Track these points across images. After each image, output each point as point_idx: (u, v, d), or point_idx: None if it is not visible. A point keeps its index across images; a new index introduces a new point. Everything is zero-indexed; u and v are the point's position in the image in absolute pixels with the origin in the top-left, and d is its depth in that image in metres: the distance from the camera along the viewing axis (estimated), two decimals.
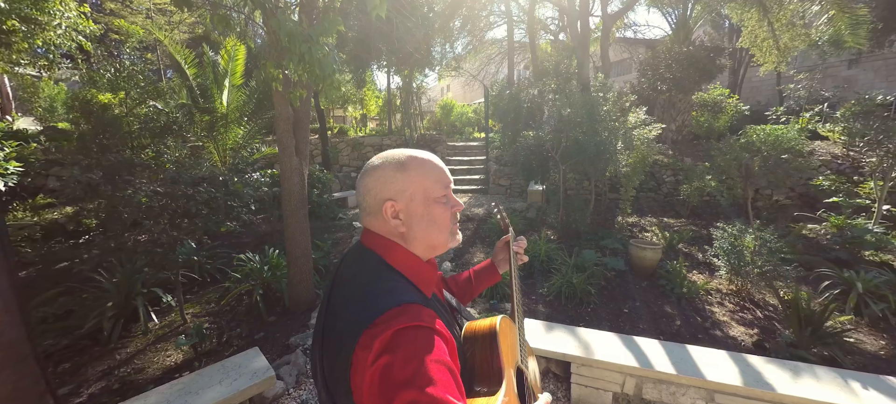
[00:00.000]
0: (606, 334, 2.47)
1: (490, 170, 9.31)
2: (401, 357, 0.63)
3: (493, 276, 1.33)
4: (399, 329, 0.65)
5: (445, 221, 0.86)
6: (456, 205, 0.90)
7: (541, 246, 4.34)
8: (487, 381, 0.86)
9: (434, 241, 0.86)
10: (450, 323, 0.90)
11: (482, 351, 0.90)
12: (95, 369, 2.62)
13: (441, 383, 0.62)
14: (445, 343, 0.70)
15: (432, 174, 0.85)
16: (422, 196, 0.83)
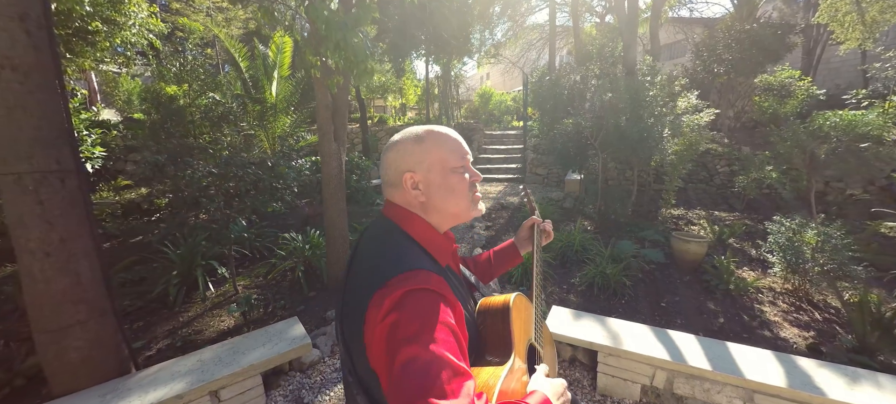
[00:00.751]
0: (637, 325, 2.39)
1: (527, 159, 9.15)
2: (407, 315, 0.66)
3: (515, 258, 1.34)
4: (408, 290, 0.69)
5: (463, 189, 0.88)
6: (474, 175, 0.91)
7: (575, 235, 4.23)
8: (497, 352, 0.89)
9: (454, 209, 0.89)
10: (463, 295, 0.93)
11: (494, 323, 0.93)
12: (163, 328, 2.98)
13: (442, 342, 0.65)
14: (452, 308, 0.73)
15: (448, 145, 0.88)
16: (439, 166, 0.86)
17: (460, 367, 0.64)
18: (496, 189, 8.51)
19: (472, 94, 18.84)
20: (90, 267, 1.92)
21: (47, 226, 1.75)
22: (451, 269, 0.94)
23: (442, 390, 0.59)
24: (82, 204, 1.90)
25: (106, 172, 6.56)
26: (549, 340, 1.17)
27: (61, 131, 1.81)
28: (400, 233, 0.86)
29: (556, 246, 4.20)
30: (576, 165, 5.98)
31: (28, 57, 1.68)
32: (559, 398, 0.82)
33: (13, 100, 1.64)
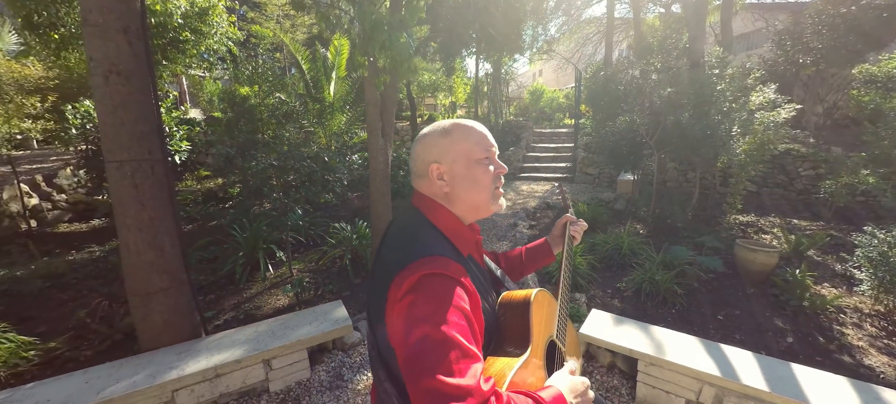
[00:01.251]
0: (685, 336, 2.24)
1: (577, 158, 8.80)
2: (423, 297, 0.71)
3: (547, 256, 1.34)
4: (425, 274, 0.74)
5: (487, 182, 0.91)
6: (499, 167, 0.94)
7: (624, 238, 4.02)
8: (515, 344, 0.91)
9: (476, 201, 0.91)
10: (484, 286, 0.95)
11: (514, 317, 0.94)
12: (229, 302, 3.35)
13: (454, 324, 0.68)
14: (468, 295, 0.76)
15: (473, 138, 0.90)
16: (464, 158, 0.89)
17: (469, 350, 0.67)
18: (543, 188, 8.30)
19: (523, 92, 18.47)
20: (172, 243, 2.23)
21: (140, 206, 2.07)
22: (473, 260, 0.97)
23: (450, 368, 0.63)
24: (167, 189, 2.21)
25: (191, 164, 7.44)
26: (573, 340, 1.16)
27: (153, 126, 2.12)
28: (425, 221, 0.90)
29: (604, 248, 4.03)
30: (629, 165, 5.65)
31: (129, 63, 2.00)
32: (576, 396, 0.82)
33: (118, 99, 1.97)
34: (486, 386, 0.65)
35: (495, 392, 0.67)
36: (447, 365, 0.63)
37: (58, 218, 5.69)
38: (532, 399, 0.72)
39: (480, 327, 0.82)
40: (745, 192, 4.87)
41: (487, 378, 0.68)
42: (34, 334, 2.68)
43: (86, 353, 2.58)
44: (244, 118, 6.41)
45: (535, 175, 9.38)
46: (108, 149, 2.00)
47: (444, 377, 0.62)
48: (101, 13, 1.91)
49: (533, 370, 0.88)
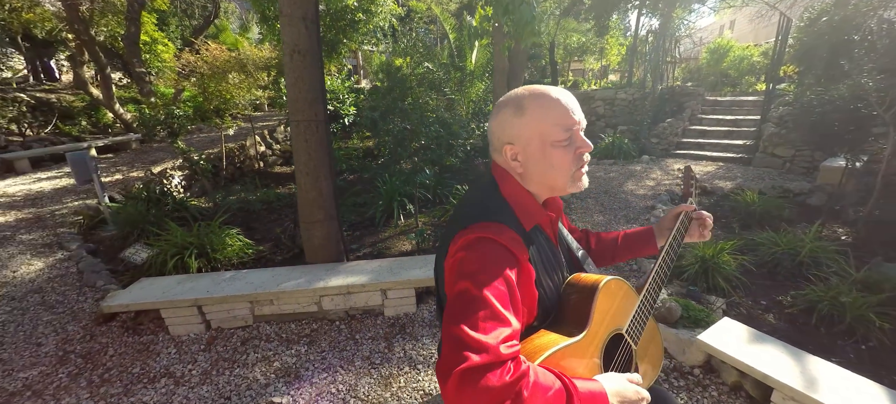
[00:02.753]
0: (859, 379, 1.68)
1: (762, 135, 6.84)
2: (472, 256, 0.77)
3: (647, 246, 1.20)
4: (479, 236, 0.79)
5: (564, 165, 0.85)
6: (583, 145, 0.86)
7: (805, 242, 3.08)
8: (569, 326, 0.87)
9: (552, 184, 0.88)
10: (551, 263, 0.93)
11: (578, 299, 0.91)
12: (369, 239, 4.11)
13: (493, 288, 0.72)
14: (518, 266, 0.79)
15: (552, 116, 0.83)
16: (538, 140, 0.84)
17: (500, 313, 0.69)
18: (702, 168, 6.89)
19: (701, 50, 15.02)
20: (328, 186, 2.89)
21: (308, 155, 2.74)
22: (542, 234, 0.94)
23: (475, 324, 0.67)
24: (326, 143, 2.84)
25: (355, 126, 9.04)
26: (654, 347, 1.05)
27: (319, 93, 2.73)
28: (495, 190, 0.92)
29: (769, 250, 3.19)
30: (842, 146, 4.13)
31: (306, 44, 2.60)
32: (621, 400, 0.76)
33: (298, 73, 2.60)
34: (505, 350, 0.66)
35: (516, 358, 0.67)
36: (474, 320, 0.67)
37: (274, 162, 7.85)
38: (561, 381, 0.69)
39: (530, 299, 0.84)
40: None
41: (512, 344, 0.68)
42: (254, 239, 3.92)
43: (278, 258, 3.64)
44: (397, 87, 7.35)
45: (696, 153, 7.80)
46: (291, 110, 2.69)
47: (468, 329, 0.66)
48: (289, 6, 2.52)
49: (584, 357, 0.84)
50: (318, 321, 2.81)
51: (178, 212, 4.42)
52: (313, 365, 2.43)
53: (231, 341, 2.66)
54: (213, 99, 5.00)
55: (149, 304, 2.64)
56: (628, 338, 0.94)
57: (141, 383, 2.32)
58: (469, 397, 0.60)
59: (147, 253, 3.41)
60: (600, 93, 10.36)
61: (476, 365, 0.61)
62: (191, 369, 2.43)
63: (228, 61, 5.14)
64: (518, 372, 0.63)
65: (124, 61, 7.74)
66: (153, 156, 6.46)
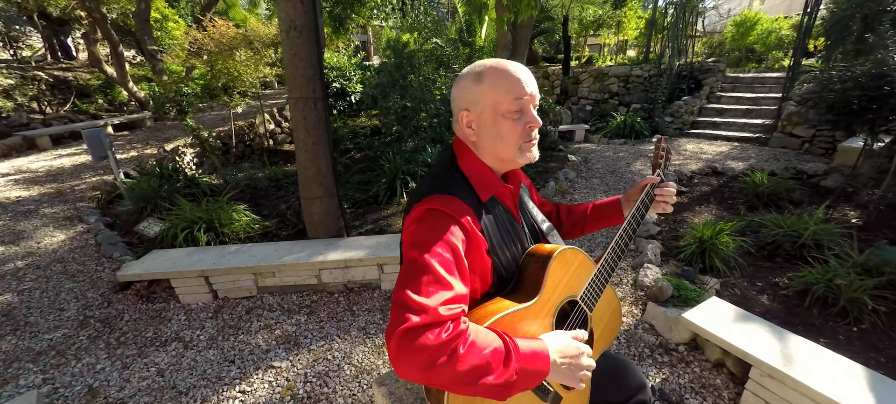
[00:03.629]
0: (840, 358, 1.68)
1: (782, 114, 6.56)
2: (422, 227, 0.82)
3: (614, 217, 1.23)
4: (429, 208, 0.84)
5: (513, 136, 0.87)
6: (533, 121, 0.88)
7: (808, 223, 3.02)
8: (523, 292, 0.92)
9: (501, 155, 0.91)
10: (508, 233, 0.96)
11: (534, 268, 0.95)
12: (371, 216, 4.20)
13: (436, 256, 0.76)
14: (466, 235, 0.83)
15: (505, 86, 0.85)
16: (491, 109, 0.87)
17: (443, 279, 0.73)
18: (714, 148, 6.69)
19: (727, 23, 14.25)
20: (326, 163, 2.95)
21: (306, 132, 2.80)
22: (500, 206, 0.97)
23: (418, 288, 0.71)
24: (325, 121, 2.89)
25: (362, 103, 9.04)
26: (610, 313, 1.09)
27: (316, 71, 2.76)
28: (452, 163, 0.96)
29: (771, 232, 3.14)
30: (863, 126, 3.93)
31: (302, 20, 2.61)
32: (565, 357, 0.81)
33: (295, 50, 2.62)
34: (444, 311, 0.69)
35: (456, 319, 0.71)
36: (418, 285, 0.72)
37: (283, 139, 7.96)
38: (502, 340, 0.73)
39: (482, 267, 0.89)
40: None
41: (452, 306, 0.71)
42: (261, 215, 4.05)
43: (283, 233, 3.76)
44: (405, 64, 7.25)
45: (712, 132, 7.56)
46: (289, 88, 2.73)
47: (411, 293, 0.70)
48: None
49: (537, 320, 0.88)
50: (318, 293, 2.93)
51: (189, 188, 4.58)
52: (312, 333, 2.56)
53: (236, 310, 2.82)
54: (220, 76, 5.07)
55: (160, 274, 2.80)
56: (582, 304, 0.98)
57: (153, 346, 2.49)
58: (407, 354, 0.65)
59: (159, 226, 3.58)
60: (615, 69, 10.02)
61: (415, 325, 0.66)
62: (199, 334, 2.59)
63: (235, 38, 5.17)
64: (455, 332, 0.68)
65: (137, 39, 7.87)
66: (166, 134, 6.64)
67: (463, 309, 0.74)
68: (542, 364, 0.76)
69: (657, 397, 1.93)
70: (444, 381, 0.67)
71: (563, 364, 0.80)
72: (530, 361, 0.74)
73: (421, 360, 0.65)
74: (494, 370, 0.69)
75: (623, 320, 2.54)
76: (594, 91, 10.28)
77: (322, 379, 2.19)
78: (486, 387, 0.69)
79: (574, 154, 6.41)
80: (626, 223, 1.05)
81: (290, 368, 2.28)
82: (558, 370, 0.80)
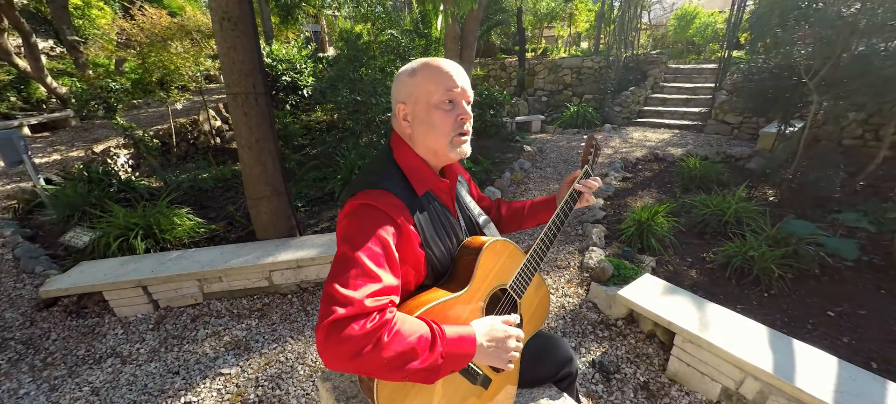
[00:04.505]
0: (747, 321, 1.90)
1: (715, 103, 7.14)
2: (351, 222, 0.83)
3: (550, 212, 1.27)
4: (361, 203, 0.85)
5: (444, 128, 0.90)
6: (464, 114, 0.91)
7: (730, 203, 3.33)
8: (455, 282, 0.97)
9: (433, 146, 0.93)
10: (443, 227, 0.99)
11: (466, 259, 0.99)
12: (327, 214, 4.11)
13: (366, 249, 0.78)
14: (397, 229, 0.85)
15: (436, 79, 0.89)
16: (424, 100, 0.89)
17: (371, 271, 0.75)
18: (657, 136, 7.16)
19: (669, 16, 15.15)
20: (273, 162, 2.85)
21: (249, 130, 2.68)
22: (436, 200, 1.00)
23: (346, 281, 0.73)
24: (269, 117, 2.78)
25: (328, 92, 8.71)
26: (539, 300, 1.15)
27: (255, 65, 2.64)
28: (389, 158, 0.97)
29: (701, 212, 3.43)
30: (776, 111, 4.39)
31: (236, 11, 2.47)
32: (491, 340, 0.85)
33: (230, 42, 2.49)
34: (370, 303, 0.72)
35: (383, 309, 0.73)
36: (346, 278, 0.73)
37: (232, 137, 7.53)
38: (430, 327, 0.77)
39: (415, 260, 0.91)
40: None
41: (379, 298, 0.74)
42: (207, 218, 3.84)
43: (232, 236, 3.59)
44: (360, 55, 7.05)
45: (656, 121, 8.07)
46: (227, 83, 2.59)
47: (338, 286, 0.72)
48: None
49: (467, 308, 0.93)
50: (269, 295, 2.85)
51: (124, 192, 4.24)
52: (263, 337, 2.49)
53: (181, 319, 2.68)
54: (154, 70, 4.69)
55: (90, 287, 2.59)
56: (512, 292, 1.04)
57: (86, 364, 2.32)
58: (333, 345, 0.67)
59: (89, 236, 3.29)
60: (568, 61, 10.38)
61: (341, 317, 0.68)
62: (138, 348, 2.44)
63: (169, 28, 4.79)
64: (380, 321, 0.71)
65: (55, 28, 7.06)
66: (95, 134, 6.06)
67: (391, 299, 0.76)
68: (469, 347, 0.80)
69: (597, 369, 2.09)
70: (371, 369, 0.70)
71: (489, 346, 0.85)
72: (456, 345, 0.78)
73: (347, 350, 0.67)
74: (420, 355, 0.73)
75: (569, 300, 2.69)
76: (549, 82, 10.60)
77: (274, 381, 2.15)
78: (412, 372, 0.72)
79: (530, 144, 6.61)
80: (554, 216, 1.12)
81: (240, 374, 2.21)
82: (485, 352, 0.85)
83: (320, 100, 4.85)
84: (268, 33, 8.01)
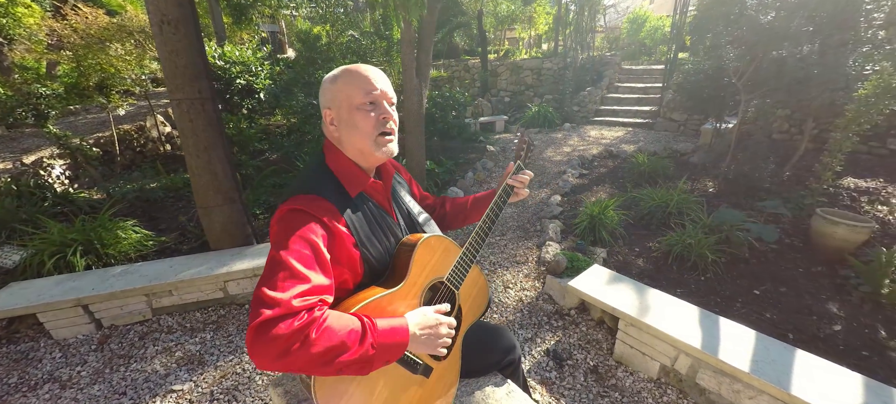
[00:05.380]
0: (681, 303, 2.08)
1: (663, 102, 7.63)
2: (281, 227, 0.86)
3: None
4: (291, 208, 0.88)
5: (367, 128, 0.94)
6: (384, 114, 0.96)
7: (673, 196, 3.60)
8: (393, 278, 1.02)
9: (359, 146, 0.97)
10: (378, 226, 1.04)
11: (403, 256, 1.04)
12: None
13: (294, 252, 0.80)
14: (327, 231, 0.88)
15: (356, 83, 0.94)
16: (346, 103, 0.94)
17: (300, 273, 0.78)
18: (612, 134, 7.54)
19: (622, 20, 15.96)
20: (223, 169, 2.76)
21: (195, 137, 2.58)
22: (370, 201, 1.04)
23: (274, 284, 0.75)
24: (217, 123, 2.68)
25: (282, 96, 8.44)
26: (477, 290, 1.21)
27: (200, 69, 2.54)
28: (321, 162, 1.01)
29: (647, 205, 3.68)
30: (712, 110, 4.78)
31: (176, 13, 2.38)
32: (424, 329, 0.91)
33: (171, 46, 2.39)
34: (298, 303, 0.74)
35: (311, 308, 0.76)
36: (274, 281, 0.76)
37: None
38: (361, 322, 0.80)
39: (350, 259, 0.94)
40: (886, 152, 3.77)
41: (307, 298, 0.76)
42: (157, 230, 3.63)
43: (185, 248, 3.43)
44: (318, 58, 6.89)
45: (612, 119, 8.48)
46: (170, 89, 2.48)
47: (267, 289, 0.74)
48: None
49: (404, 301, 0.97)
50: (225, 306, 2.75)
51: (60, 206, 3.92)
52: (219, 349, 2.41)
53: (127, 337, 2.53)
54: (91, 74, 4.37)
55: (21, 310, 2.39)
56: (448, 284, 1.09)
57: (19, 392, 2.15)
58: (262, 346, 0.70)
59: (19, 255, 3.03)
60: (529, 62, 10.69)
61: (268, 317, 0.71)
62: (80, 371, 2.29)
63: (108, 29, 4.49)
64: (308, 319, 0.73)
65: None
66: (25, 144, 5.55)
67: (322, 299, 0.79)
68: (401, 337, 0.85)
69: (551, 357, 2.20)
70: (301, 365, 0.72)
71: (422, 334, 0.90)
72: (389, 336, 0.82)
73: (274, 350, 0.69)
74: (350, 348, 0.76)
75: (526, 293, 2.80)
76: (512, 83, 10.88)
77: (230, 394, 2.09)
78: (344, 364, 0.75)
79: (493, 144, 6.77)
80: (488, 210, 1.18)
81: (194, 389, 2.13)
82: (419, 341, 0.90)
83: (274, 104, 4.70)
84: (220, 34, 7.66)
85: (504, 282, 2.95)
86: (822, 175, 3.28)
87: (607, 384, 2.03)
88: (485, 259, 3.31)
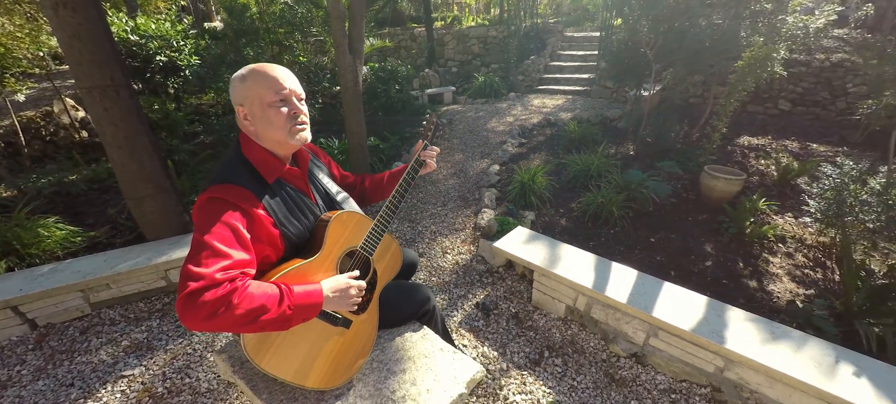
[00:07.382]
0: (584, 253, 2.45)
1: (599, 70, 8.10)
2: (201, 214, 0.98)
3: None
4: (209, 197, 1.00)
5: (281, 123, 1.06)
6: (294, 109, 1.09)
7: (593, 160, 4.01)
8: (313, 250, 1.18)
9: (275, 138, 1.09)
10: (296, 207, 1.18)
11: (319, 230, 1.22)
12: None
13: (216, 234, 0.93)
14: (245, 215, 1.01)
15: (265, 83, 1.04)
16: (258, 102, 1.04)
17: (221, 251, 0.91)
18: (553, 102, 7.93)
19: None
20: (150, 158, 2.69)
21: (114, 127, 2.49)
22: (287, 185, 1.18)
23: (198, 261, 0.88)
24: (136, 110, 2.59)
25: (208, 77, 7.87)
26: (390, 257, 1.40)
27: (109, 53, 2.40)
28: (238, 152, 1.12)
29: (572, 169, 4.07)
30: (632, 78, 5.24)
31: None
32: (335, 291, 1.09)
33: (71, 30, 2.24)
34: (220, 275, 0.88)
35: (233, 279, 0.89)
36: (198, 259, 0.89)
37: None
38: (279, 288, 0.96)
39: (271, 237, 1.08)
40: (777, 112, 4.37)
41: (229, 271, 0.89)
42: (85, 225, 3.46)
43: (118, 241, 3.33)
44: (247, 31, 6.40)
45: (554, 88, 8.83)
46: (76, 76, 2.35)
47: (191, 266, 0.88)
48: None
49: (320, 269, 1.15)
50: (169, 294, 2.78)
51: None
52: (167, 334, 2.47)
53: (67, 333, 2.51)
54: None
55: None
56: (362, 251, 1.29)
57: None
58: (191, 314, 0.84)
59: None
60: (475, 30, 10.69)
61: (194, 288, 0.85)
62: (19, 370, 2.27)
63: None
64: (230, 288, 0.88)
65: None
66: None
67: (244, 272, 0.94)
68: (316, 298, 1.03)
69: (480, 309, 2.52)
70: (227, 325, 0.88)
71: (334, 295, 1.09)
72: (303, 298, 1.00)
73: (202, 314, 0.84)
74: (269, 310, 0.92)
75: (462, 257, 3.10)
76: (459, 53, 10.87)
77: (183, 372, 2.20)
78: (266, 323, 0.92)
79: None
80: (398, 185, 1.35)
81: (145, 372, 2.22)
82: (331, 301, 1.09)
83: (200, 85, 4.45)
84: (131, 3, 6.90)
85: (442, 248, 3.22)
86: (712, 136, 3.81)
87: (525, 325, 2.39)
88: (426, 229, 3.56)
